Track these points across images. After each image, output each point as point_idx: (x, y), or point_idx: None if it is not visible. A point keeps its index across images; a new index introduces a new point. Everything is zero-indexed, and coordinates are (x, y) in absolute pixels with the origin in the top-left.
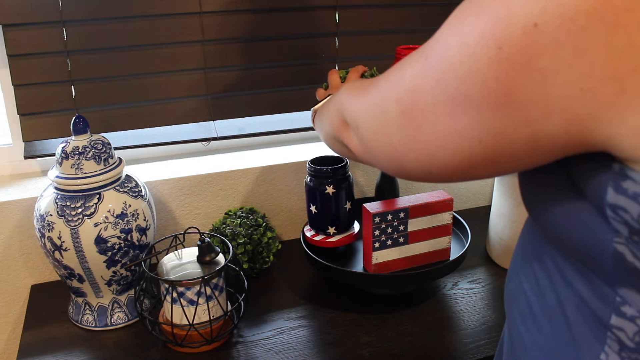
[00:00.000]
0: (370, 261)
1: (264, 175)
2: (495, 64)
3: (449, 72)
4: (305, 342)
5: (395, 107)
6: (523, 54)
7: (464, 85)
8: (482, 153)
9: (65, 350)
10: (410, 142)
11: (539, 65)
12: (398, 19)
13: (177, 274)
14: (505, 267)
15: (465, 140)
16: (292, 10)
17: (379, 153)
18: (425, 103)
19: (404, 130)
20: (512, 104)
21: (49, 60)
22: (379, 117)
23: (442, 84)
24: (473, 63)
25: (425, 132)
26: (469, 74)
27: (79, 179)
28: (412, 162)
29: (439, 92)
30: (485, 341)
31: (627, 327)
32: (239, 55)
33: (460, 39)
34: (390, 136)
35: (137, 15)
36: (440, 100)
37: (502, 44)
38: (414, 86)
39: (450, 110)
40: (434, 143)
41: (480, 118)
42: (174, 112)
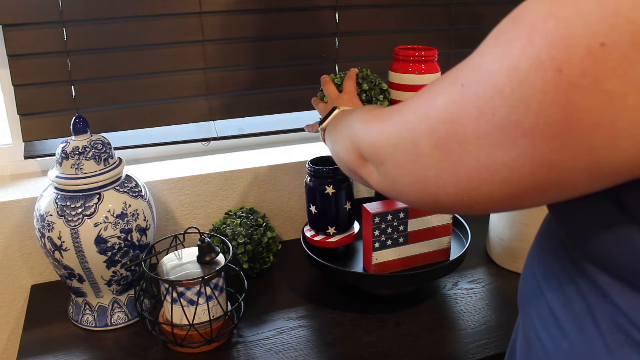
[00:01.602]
0: (370, 261)
1: (264, 175)
2: (554, 89)
3: (496, 99)
4: (305, 342)
5: (428, 140)
6: (588, 76)
7: (515, 113)
8: (534, 184)
9: (65, 350)
10: (449, 176)
11: (607, 87)
12: (398, 19)
13: (177, 274)
14: (505, 267)
15: (514, 172)
16: (292, 10)
17: (408, 188)
18: (466, 134)
19: (440, 163)
20: (572, 131)
21: (49, 60)
22: (408, 151)
23: (488, 112)
24: (527, 88)
25: (466, 165)
26: (522, 100)
27: (79, 179)
28: (450, 197)
29: (484, 121)
30: (485, 341)
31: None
32: (239, 55)
33: (510, 64)
34: (423, 170)
35: (137, 15)
36: (484, 130)
37: (562, 67)
38: (450, 116)
39: (497, 141)
40: (477, 177)
41: (534, 148)
42: (174, 112)
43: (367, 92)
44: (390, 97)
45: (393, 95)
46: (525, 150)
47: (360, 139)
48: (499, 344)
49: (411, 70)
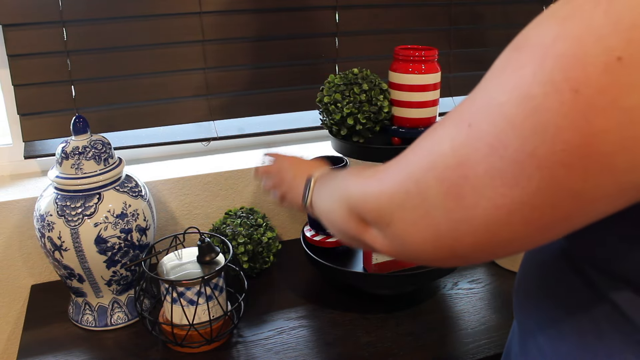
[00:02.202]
0: (370, 261)
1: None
2: (571, 111)
3: (507, 132)
4: (305, 342)
5: (437, 190)
6: (606, 94)
7: (529, 143)
8: (557, 218)
9: (65, 350)
10: (464, 226)
11: (626, 104)
12: (398, 19)
13: (177, 274)
14: (505, 267)
15: (534, 210)
16: (292, 10)
17: (421, 247)
18: (478, 177)
19: (454, 213)
20: (593, 155)
21: (49, 60)
22: (416, 207)
23: (499, 148)
24: (542, 115)
25: (482, 210)
26: (536, 129)
27: (79, 179)
28: (468, 247)
29: (496, 159)
30: (485, 341)
31: None
32: (239, 55)
33: (521, 92)
34: (435, 224)
35: (137, 15)
36: (497, 168)
37: (578, 86)
38: (459, 160)
39: (512, 178)
40: (494, 221)
41: (553, 180)
42: (174, 112)
43: (367, 92)
44: (390, 97)
45: (393, 95)
46: (544, 184)
47: (359, 203)
48: (499, 344)
49: (411, 70)
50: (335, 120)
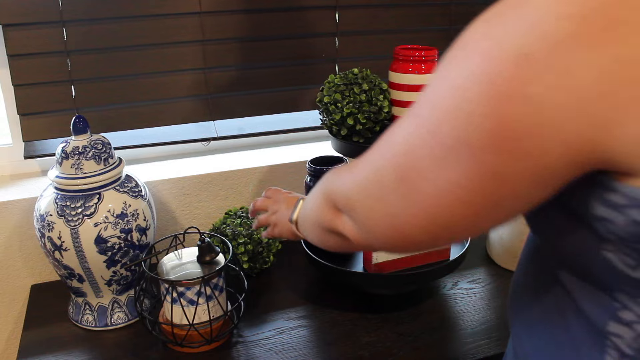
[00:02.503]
0: (370, 261)
1: (264, 175)
2: (487, 101)
3: (441, 120)
4: (305, 342)
5: (392, 176)
6: (515, 86)
7: (459, 130)
8: (487, 200)
9: (65, 350)
10: (415, 209)
11: (530, 92)
12: (398, 19)
13: (177, 274)
14: (505, 267)
15: (467, 190)
16: (293, 10)
17: (380, 230)
18: (423, 161)
19: (406, 198)
20: (507, 140)
21: (49, 60)
22: (375, 192)
23: (437, 135)
24: (467, 105)
25: (427, 193)
26: (463, 117)
27: (79, 179)
28: (419, 231)
29: (435, 144)
30: (485, 341)
31: (625, 333)
32: (238, 55)
33: (452, 83)
34: (391, 208)
35: (137, 15)
36: (436, 154)
37: (494, 79)
38: (408, 147)
39: (447, 161)
40: (438, 203)
41: (480, 163)
42: (174, 112)
43: (367, 92)
44: (390, 97)
45: (393, 95)
46: (471, 166)
47: (334, 193)
48: (499, 344)
49: (411, 70)
50: (335, 120)
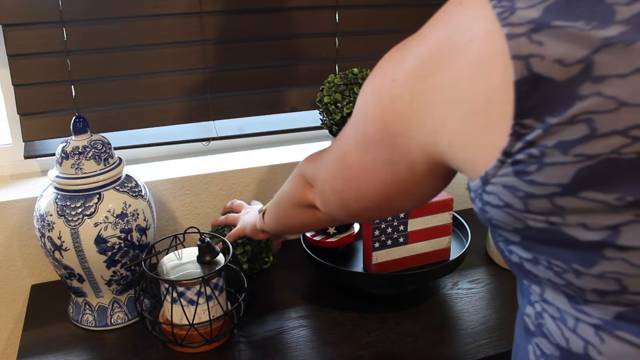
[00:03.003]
0: (370, 261)
1: (264, 175)
2: (376, 109)
3: (358, 120)
4: (305, 342)
5: (336, 157)
6: (388, 100)
7: (365, 126)
8: (390, 181)
9: (65, 350)
10: (348, 184)
11: (396, 106)
12: (398, 19)
13: (177, 274)
14: (505, 267)
15: (376, 171)
16: (293, 10)
17: (331, 201)
18: (351, 148)
19: (343, 174)
20: (390, 137)
21: (49, 60)
22: (328, 169)
23: (357, 127)
24: (368, 109)
25: (354, 172)
26: (367, 118)
27: (79, 179)
28: (353, 201)
29: (357, 134)
30: (485, 341)
31: (531, 313)
32: (238, 55)
33: (364, 94)
34: (336, 183)
35: (137, 15)
36: (358, 141)
37: (380, 92)
38: (345, 136)
39: (364, 148)
40: (361, 179)
41: (378, 151)
42: (174, 112)
43: None
44: None
45: None
46: (376, 154)
47: (306, 168)
48: (499, 344)
49: None
50: (335, 120)
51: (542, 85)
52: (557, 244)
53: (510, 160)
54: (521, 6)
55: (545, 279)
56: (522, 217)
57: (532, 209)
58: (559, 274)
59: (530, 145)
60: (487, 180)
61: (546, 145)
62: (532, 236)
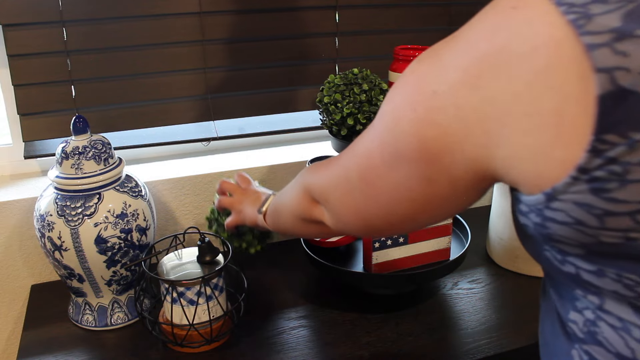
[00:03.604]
0: (370, 261)
1: (264, 175)
2: (412, 124)
3: (388, 134)
4: (305, 342)
5: (355, 174)
6: (428, 113)
7: (398, 143)
8: (425, 198)
9: (65, 350)
10: (373, 202)
11: (438, 120)
12: (398, 19)
13: (177, 274)
14: (505, 267)
15: (408, 189)
16: (293, 10)
17: (349, 219)
18: (376, 164)
19: (365, 192)
20: (429, 154)
21: (49, 60)
22: (344, 187)
23: (385, 144)
24: (401, 124)
25: (380, 189)
26: (399, 133)
27: (79, 179)
28: (380, 220)
29: (384, 151)
30: (485, 341)
31: (578, 319)
32: (239, 55)
33: (393, 106)
34: (356, 201)
35: (137, 15)
36: (385, 159)
37: (416, 107)
38: (367, 151)
39: (393, 165)
40: (388, 196)
41: (412, 169)
42: (174, 112)
43: (367, 92)
44: None
45: None
46: (409, 171)
47: (312, 186)
48: (499, 344)
49: None
50: (335, 120)
51: (627, 99)
52: (633, 258)
53: (587, 177)
54: (597, 12)
55: (609, 290)
56: (595, 233)
57: (610, 226)
58: (630, 287)
59: (611, 162)
60: (554, 197)
61: (630, 162)
62: (602, 250)
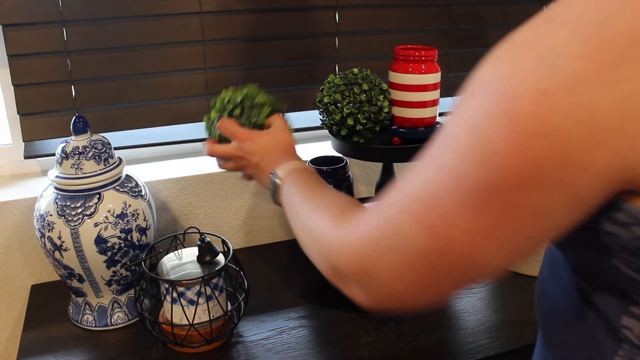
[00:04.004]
0: None
1: None
2: (512, 139)
3: (463, 162)
4: (305, 342)
5: (411, 226)
6: (537, 121)
7: (488, 172)
8: (523, 236)
9: (65, 350)
10: (442, 264)
11: (554, 126)
12: (398, 19)
13: (177, 274)
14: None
15: (504, 230)
16: (292, 10)
17: (404, 292)
18: (446, 209)
19: (431, 252)
20: (539, 175)
21: (49, 60)
22: (394, 249)
23: (460, 177)
24: (490, 146)
25: (454, 242)
26: (487, 157)
27: (79, 179)
28: (448, 281)
29: (459, 188)
30: (485, 341)
31: (634, 326)
32: (239, 55)
33: (468, 124)
34: (413, 265)
35: (137, 15)
36: (462, 198)
37: (516, 118)
38: (428, 194)
39: (476, 204)
40: (469, 252)
41: (512, 202)
42: (174, 112)
43: (367, 92)
44: (390, 97)
45: (393, 96)
46: (505, 206)
47: (338, 259)
48: (499, 344)
49: (411, 70)
50: (335, 120)
51: None
52: None
53: None
54: None
55: None
56: None
57: None
58: None
59: None
60: None
61: None
62: None
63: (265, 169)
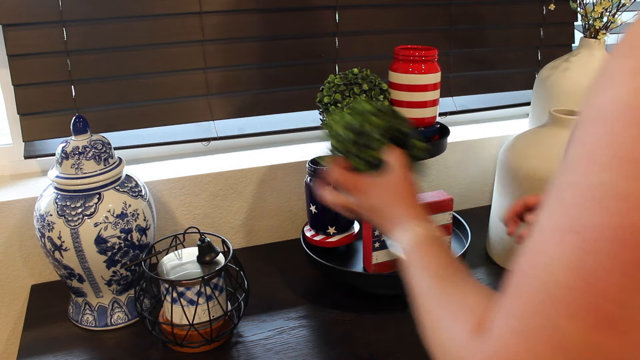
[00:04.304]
0: (370, 261)
1: (264, 175)
2: None
3: (611, 220)
4: (305, 342)
5: (570, 326)
6: None
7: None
8: None
9: (65, 350)
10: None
11: None
12: (398, 19)
13: (177, 274)
14: (505, 267)
15: None
16: (292, 10)
17: None
18: (616, 291)
19: (608, 351)
20: None
21: (49, 60)
22: (544, 344)
23: (630, 240)
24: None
25: (631, 342)
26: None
27: (79, 179)
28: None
29: (623, 261)
30: None
31: None
32: (239, 55)
33: (620, 154)
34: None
35: (137, 15)
36: (630, 273)
37: None
38: (585, 280)
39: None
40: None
41: None
42: (174, 112)
43: (367, 92)
44: (390, 97)
45: (393, 95)
46: None
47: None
48: None
49: (411, 70)
50: None
51: None
52: None
53: None
54: None
55: None
56: None
57: None
58: None
59: None
60: None
61: None
62: None
63: (385, 230)
